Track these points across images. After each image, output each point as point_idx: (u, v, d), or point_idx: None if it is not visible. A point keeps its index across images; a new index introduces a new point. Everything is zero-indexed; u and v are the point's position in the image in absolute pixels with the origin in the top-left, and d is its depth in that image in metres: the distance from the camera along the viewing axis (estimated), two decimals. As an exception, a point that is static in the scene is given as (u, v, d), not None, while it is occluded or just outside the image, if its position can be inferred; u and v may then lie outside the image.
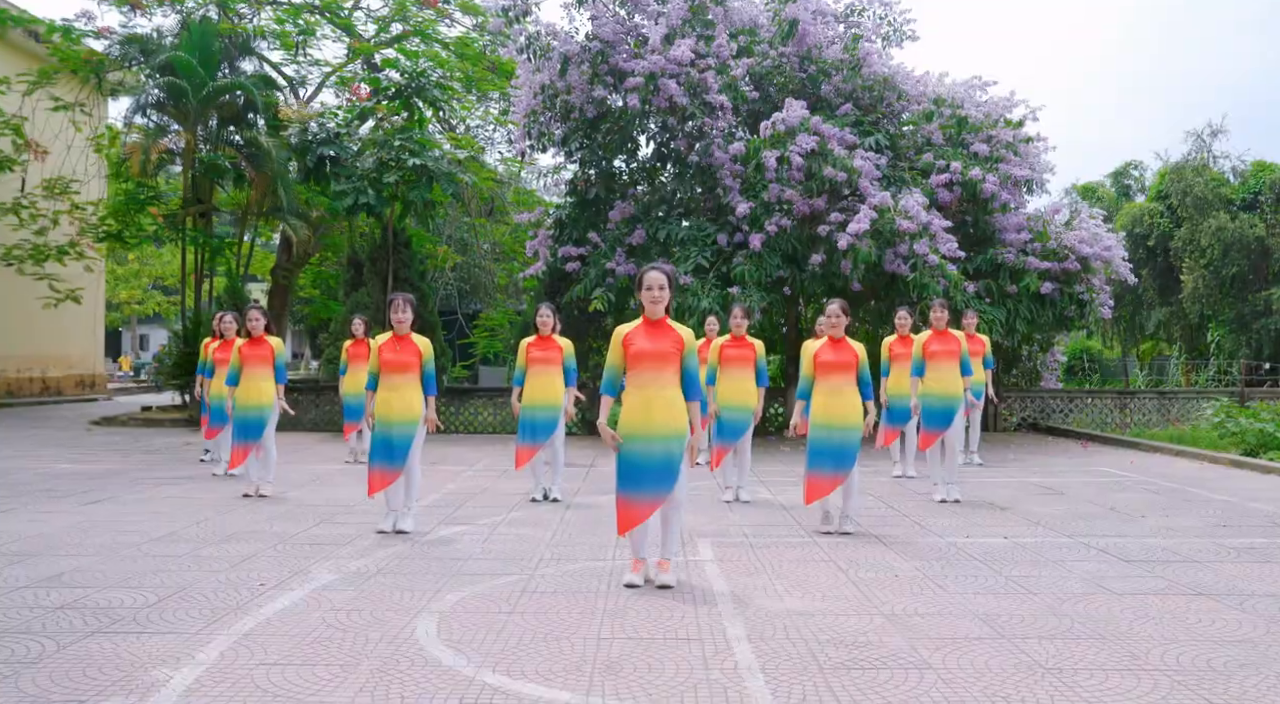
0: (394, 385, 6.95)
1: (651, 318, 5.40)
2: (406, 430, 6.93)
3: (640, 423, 5.28)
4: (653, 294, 5.33)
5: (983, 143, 14.36)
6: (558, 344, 8.54)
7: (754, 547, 6.53)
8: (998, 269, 14.10)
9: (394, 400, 6.92)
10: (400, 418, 6.92)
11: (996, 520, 7.63)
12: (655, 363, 5.30)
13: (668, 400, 5.30)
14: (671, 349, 5.32)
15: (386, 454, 6.91)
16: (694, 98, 13.99)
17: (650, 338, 5.34)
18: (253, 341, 8.91)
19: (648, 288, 5.34)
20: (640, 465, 5.27)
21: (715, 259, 13.80)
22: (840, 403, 6.80)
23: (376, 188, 15.78)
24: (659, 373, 5.30)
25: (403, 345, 7.00)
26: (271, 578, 5.50)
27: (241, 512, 7.89)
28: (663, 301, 5.35)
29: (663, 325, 5.40)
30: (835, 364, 6.82)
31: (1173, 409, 17.22)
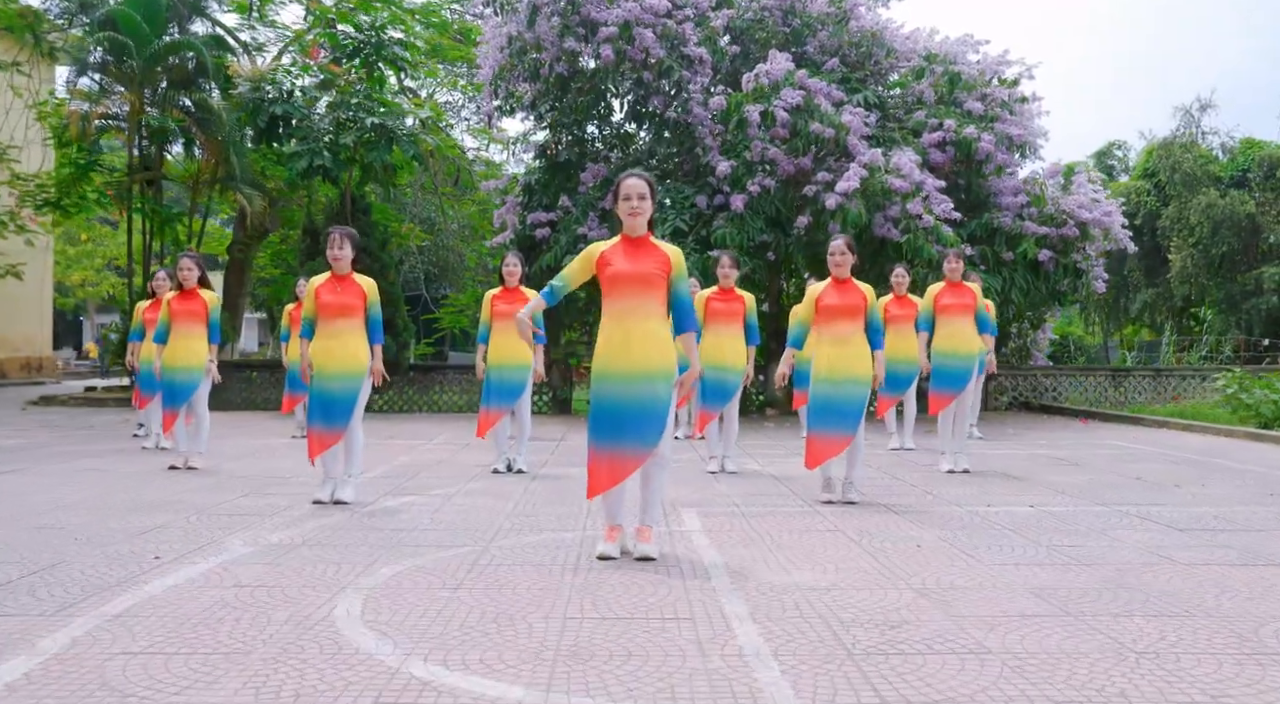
0: (334, 332, 6.01)
1: (631, 234, 4.51)
2: (349, 385, 5.99)
3: (619, 358, 4.38)
4: (631, 205, 4.43)
5: (977, 101, 13.55)
6: (526, 297, 7.62)
7: (747, 516, 5.65)
8: (993, 234, 13.30)
9: (334, 349, 5.99)
10: (341, 369, 5.98)
11: (1015, 489, 6.80)
12: (636, 288, 4.39)
13: (651, 332, 4.40)
14: (656, 271, 4.42)
15: (325, 413, 5.97)
16: (671, 50, 13.08)
17: (630, 258, 4.44)
18: (183, 295, 7.90)
19: (625, 197, 4.44)
20: (617, 411, 4.37)
21: (695, 223, 12.93)
22: (847, 353, 5.92)
23: (333, 150, 14.75)
24: (642, 300, 4.40)
25: (343, 286, 6.06)
26: (171, 551, 4.56)
27: (163, 482, 6.92)
28: (644, 213, 4.45)
29: (645, 243, 4.50)
30: (841, 308, 5.93)
31: (1168, 387, 16.53)
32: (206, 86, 18.13)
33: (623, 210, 4.47)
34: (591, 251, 4.56)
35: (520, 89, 14.73)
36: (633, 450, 4.37)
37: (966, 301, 7.74)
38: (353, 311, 6.05)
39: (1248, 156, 24.23)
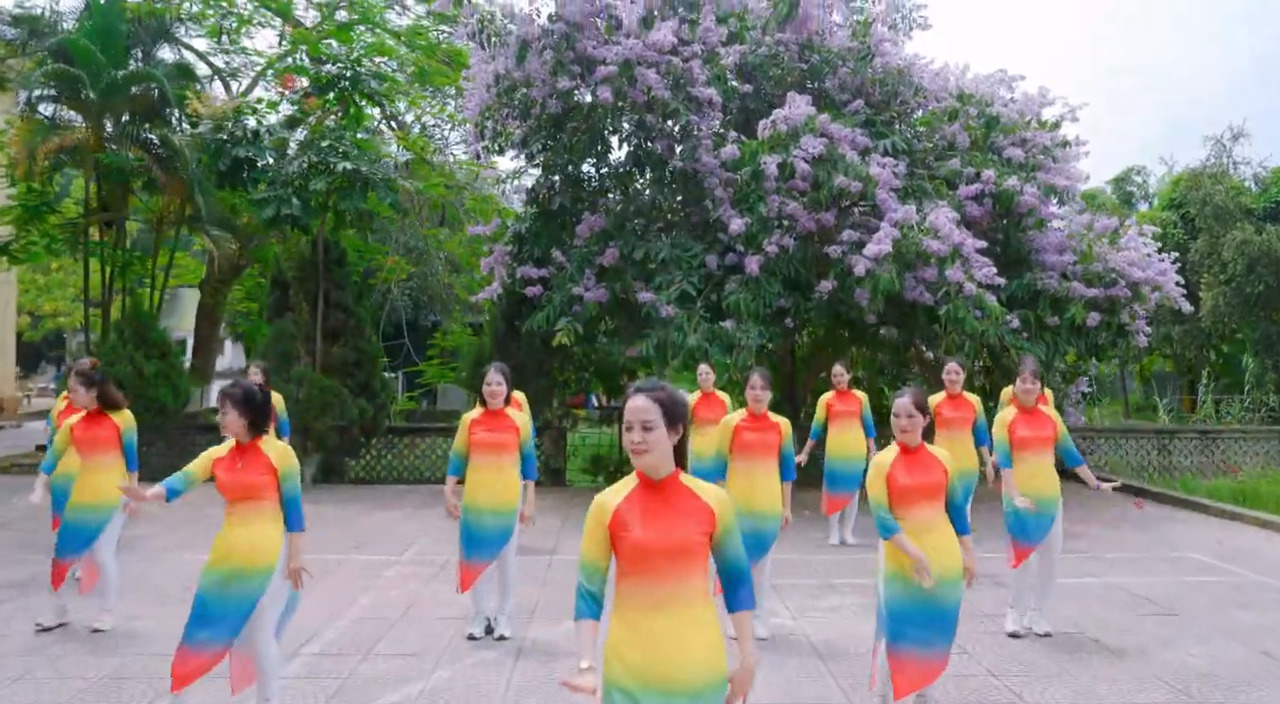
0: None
1: (651, 475, 3.08)
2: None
3: (648, 670, 2.96)
4: (632, 439, 3.00)
5: (1016, 147, 12.18)
6: (513, 422, 6.21)
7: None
8: (1036, 297, 11.92)
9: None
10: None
11: (1126, 681, 5.39)
12: (668, 563, 2.97)
13: (694, 620, 2.99)
14: (695, 535, 3.00)
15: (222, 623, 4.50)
16: (677, 91, 11.70)
17: (653, 518, 3.01)
18: (88, 419, 6.46)
19: (627, 427, 3.00)
20: None
21: (704, 285, 11.53)
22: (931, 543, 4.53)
23: (302, 196, 13.34)
24: (677, 582, 2.98)
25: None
26: None
27: (48, 673, 5.48)
28: (651, 450, 2.99)
29: (674, 486, 3.07)
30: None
31: (1217, 450, 15.17)
32: (172, 118, 16.73)
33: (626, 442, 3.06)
34: (602, 510, 3.07)
35: (510, 126, 13.36)
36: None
37: (1046, 433, 6.30)
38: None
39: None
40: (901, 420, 4.57)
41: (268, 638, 4.56)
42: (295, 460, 4.63)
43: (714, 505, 3.02)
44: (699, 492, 3.04)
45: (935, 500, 4.55)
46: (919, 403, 4.59)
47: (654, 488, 3.03)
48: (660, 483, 3.04)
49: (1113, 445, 15.28)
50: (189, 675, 4.35)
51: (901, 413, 4.57)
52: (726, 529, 3.02)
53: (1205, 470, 14.71)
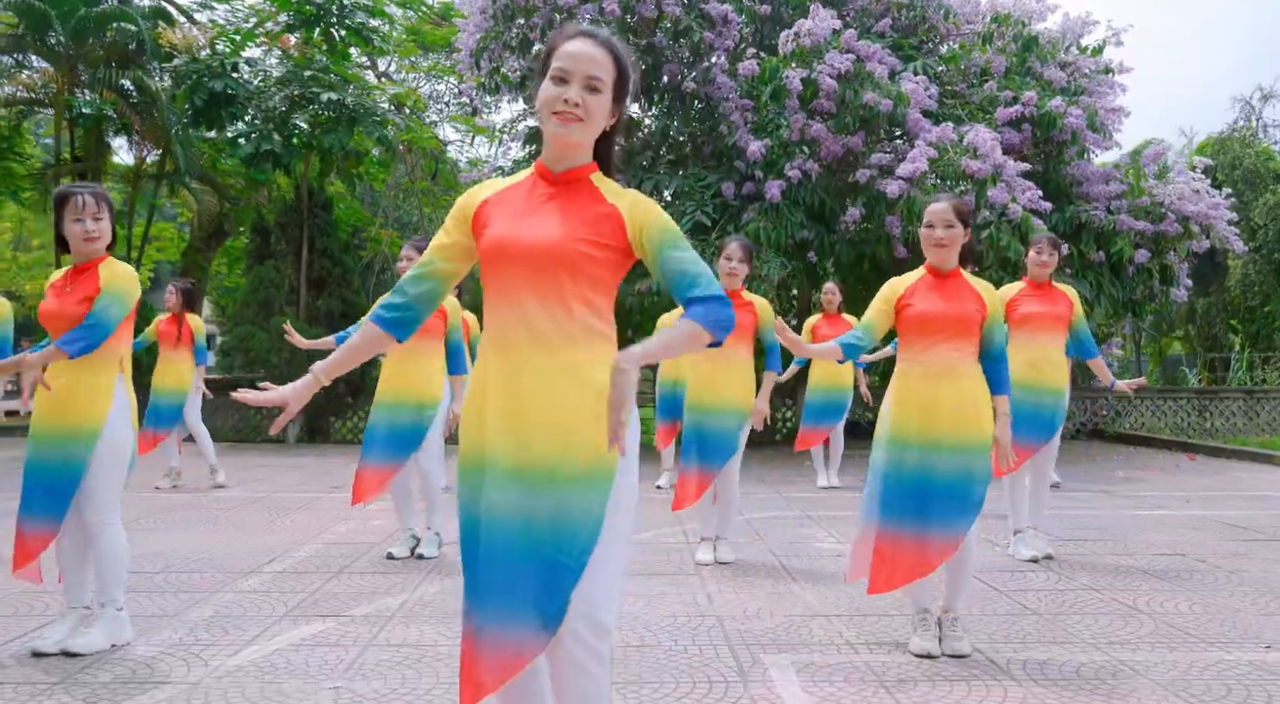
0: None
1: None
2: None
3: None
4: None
5: (1057, 69, 11.24)
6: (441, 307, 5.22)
7: (882, 679, 3.28)
8: (1079, 230, 10.97)
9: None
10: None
11: (1262, 605, 4.44)
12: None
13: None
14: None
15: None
16: (689, 8, 10.77)
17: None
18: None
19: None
20: None
21: (720, 215, 10.57)
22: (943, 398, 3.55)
23: (283, 132, 12.40)
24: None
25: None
26: None
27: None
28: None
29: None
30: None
31: (1262, 411, 14.23)
32: (152, 67, 15.76)
33: None
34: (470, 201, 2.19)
35: (507, 65, 12.42)
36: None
37: (1059, 310, 5.29)
38: None
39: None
40: (938, 232, 3.58)
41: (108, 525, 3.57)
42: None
43: (623, 210, 2.07)
44: (607, 194, 2.10)
45: (961, 339, 3.55)
46: (960, 210, 3.61)
47: (553, 181, 2.11)
48: (562, 176, 2.12)
49: (1151, 406, 14.33)
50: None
51: (938, 222, 3.58)
52: (645, 238, 2.06)
53: (1248, 431, 13.76)
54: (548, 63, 2.06)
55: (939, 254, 3.58)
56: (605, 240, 2.03)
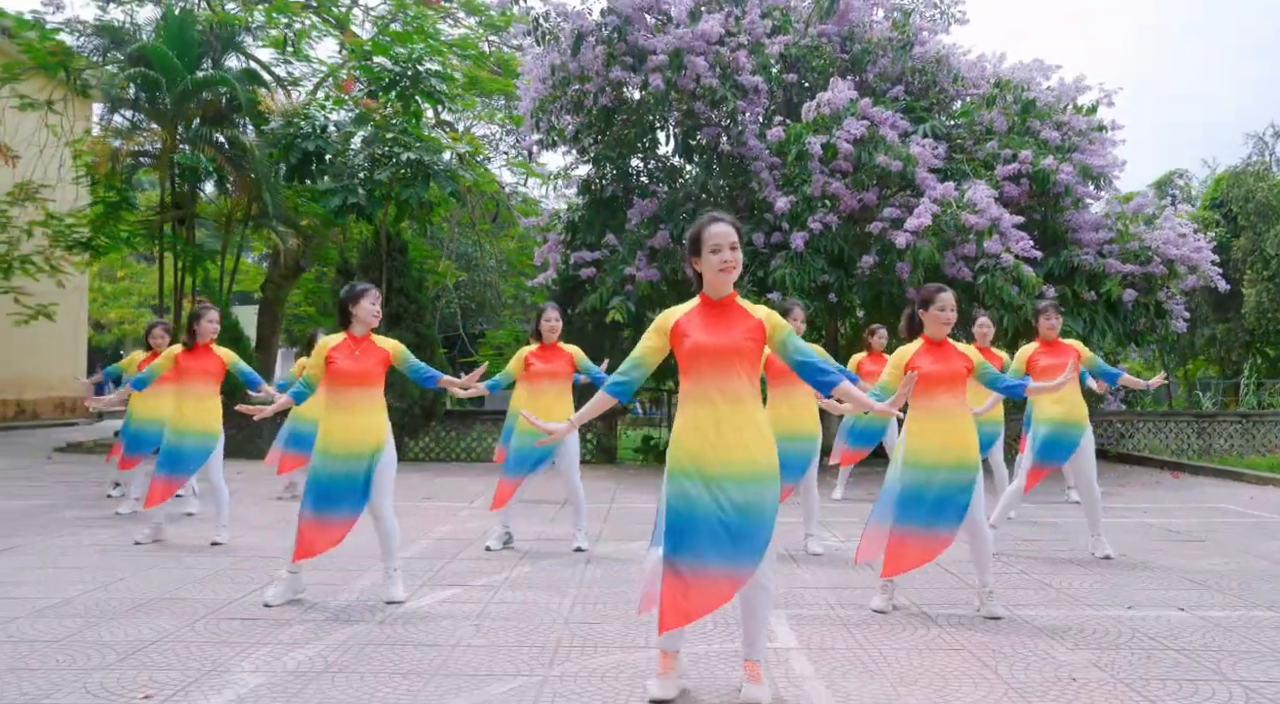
0: (349, 405, 5.23)
1: (714, 295, 3.68)
2: (358, 465, 5.22)
3: (707, 453, 3.56)
4: (723, 257, 3.58)
5: (1053, 130, 12.64)
6: (565, 352, 6.83)
7: (848, 624, 4.77)
8: (1072, 273, 12.34)
9: (352, 424, 5.20)
10: (355, 449, 5.22)
11: (1150, 582, 5.84)
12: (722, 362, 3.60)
13: (747, 419, 3.59)
14: (747, 341, 3.60)
15: (334, 498, 5.19)
16: (724, 79, 12.33)
17: (713, 327, 3.63)
18: (196, 350, 7.17)
19: (714, 249, 3.58)
20: (707, 520, 3.50)
21: (751, 262, 12.09)
22: (953, 430, 4.98)
23: (367, 187, 14.14)
24: (729, 378, 3.60)
25: (364, 351, 5.27)
26: (165, 685, 3.76)
27: (172, 566, 6.16)
28: (737, 268, 3.62)
29: (732, 306, 3.68)
30: (943, 377, 4.99)
31: (1258, 434, 15.39)
32: (240, 122, 17.67)
33: (711, 265, 3.64)
34: (664, 321, 3.74)
35: (562, 122, 14.07)
36: (728, 571, 3.50)
37: (1067, 360, 6.74)
38: (372, 380, 5.26)
39: (1322, 185, 23.02)
40: (946, 312, 5.04)
41: (388, 509, 5.27)
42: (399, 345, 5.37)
43: (765, 319, 3.61)
44: (751, 309, 3.64)
45: (956, 389, 5.02)
46: (957, 300, 5.08)
47: (715, 306, 3.66)
48: (722, 301, 3.65)
49: (1153, 428, 15.55)
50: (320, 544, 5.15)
51: (948, 304, 5.05)
52: (782, 335, 3.62)
53: (1244, 453, 14.93)
54: (699, 241, 3.60)
55: (937, 328, 5.02)
56: (757, 336, 3.58)
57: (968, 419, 5.02)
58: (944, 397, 4.98)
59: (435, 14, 21.90)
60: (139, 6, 18.40)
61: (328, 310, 22.93)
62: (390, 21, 21.62)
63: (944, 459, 4.90)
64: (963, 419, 4.99)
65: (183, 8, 17.84)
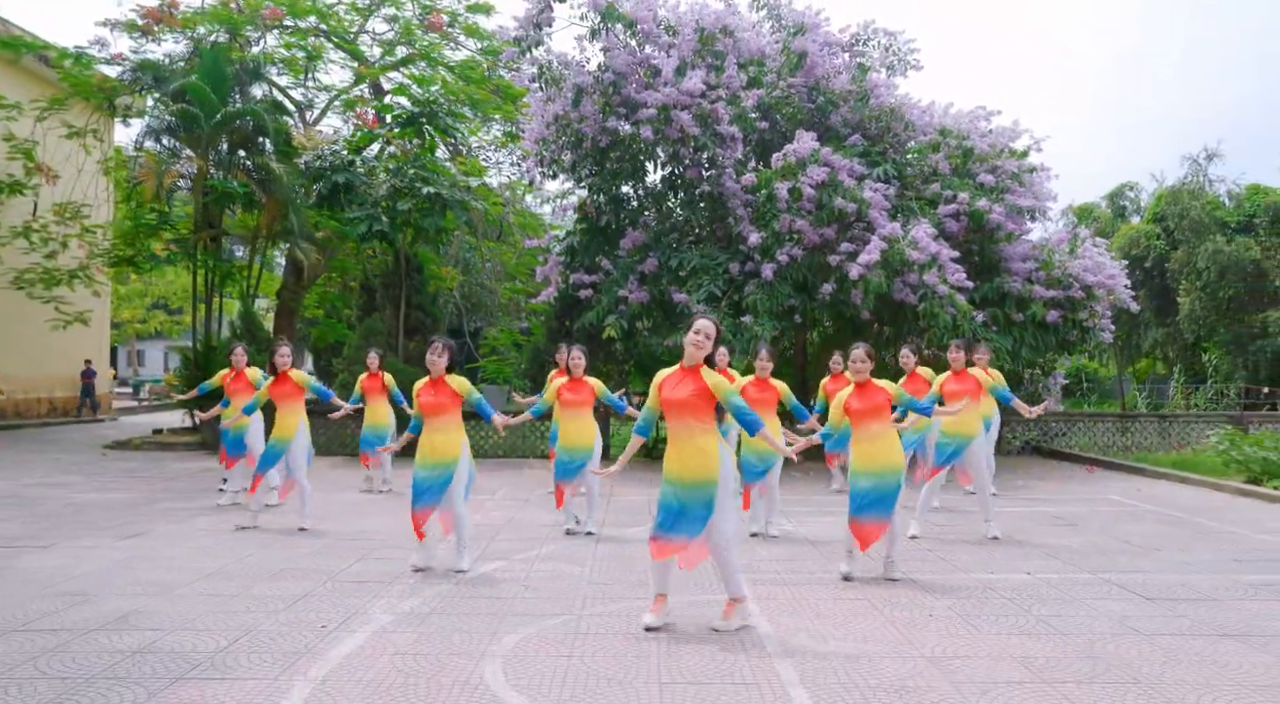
0: (434, 428, 7.15)
1: (687, 363, 5.67)
2: (443, 472, 7.14)
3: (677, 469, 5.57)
4: (697, 339, 5.59)
5: (988, 173, 14.65)
6: (590, 385, 8.78)
7: (790, 585, 6.74)
8: (1004, 297, 14.37)
9: (435, 441, 7.13)
10: (436, 460, 7.13)
11: (1016, 555, 7.85)
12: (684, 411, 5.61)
13: (699, 448, 5.59)
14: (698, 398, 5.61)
15: (422, 495, 7.11)
16: (705, 128, 14.26)
17: (679, 385, 5.64)
18: (280, 379, 9.10)
19: (695, 331, 5.61)
20: (679, 508, 5.53)
21: (727, 288, 14.05)
22: (880, 449, 6.95)
23: (390, 215, 16.02)
24: (687, 421, 5.61)
25: (438, 389, 7.19)
26: (331, 619, 5.69)
27: (279, 546, 8.07)
28: (704, 350, 5.61)
29: (694, 373, 5.65)
30: (868, 410, 6.96)
31: (1172, 432, 17.49)
32: (266, 149, 19.46)
33: (687, 341, 5.61)
34: (656, 381, 5.74)
35: (562, 156, 15.96)
36: (685, 537, 5.50)
37: (968, 386, 8.71)
38: (447, 410, 7.19)
39: (1254, 202, 25.17)
40: (857, 364, 6.99)
41: (459, 501, 7.19)
42: (468, 383, 7.26)
43: (709, 382, 5.58)
44: (705, 377, 5.60)
45: (881, 418, 6.96)
46: (869, 353, 7.05)
47: (686, 371, 5.63)
48: (690, 368, 5.64)
49: (1083, 428, 17.62)
50: (419, 523, 7.10)
51: (856, 359, 7.00)
52: (722, 395, 5.58)
53: (1159, 449, 17.00)
54: (689, 324, 5.62)
55: (858, 376, 6.99)
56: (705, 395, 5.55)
57: (891, 438, 6.97)
58: (872, 423, 6.93)
59: (439, 39, 23.73)
60: (174, 42, 20.08)
61: (337, 315, 24.76)
62: (396, 45, 23.44)
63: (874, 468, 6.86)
64: (887, 439, 6.93)
65: (214, 43, 19.60)
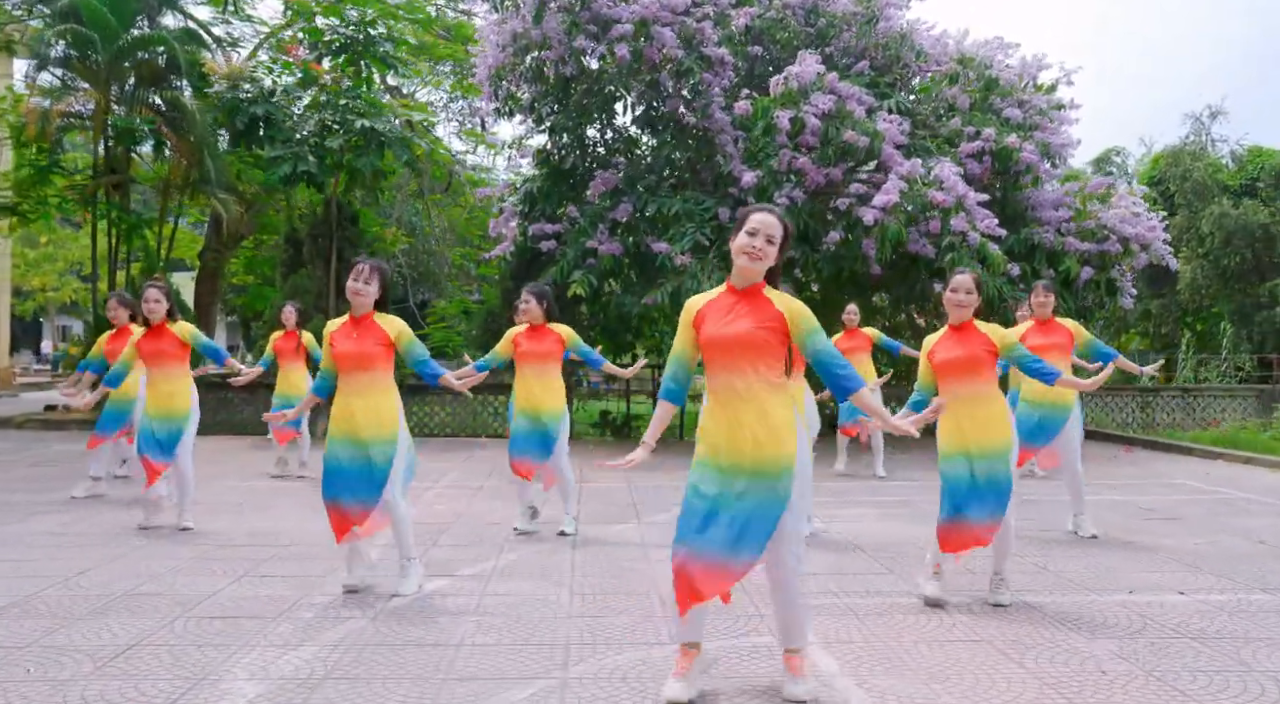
0: (354, 389, 4.96)
1: (739, 284, 3.59)
2: (382, 452, 4.93)
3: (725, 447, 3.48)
4: (754, 243, 3.50)
5: (1015, 108, 12.67)
6: (555, 332, 6.60)
7: (858, 613, 4.67)
8: (1033, 250, 12.41)
9: (356, 408, 4.93)
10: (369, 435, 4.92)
11: (1138, 563, 5.86)
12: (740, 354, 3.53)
13: (763, 413, 3.50)
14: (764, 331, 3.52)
15: (352, 488, 4.91)
16: (690, 50, 12.09)
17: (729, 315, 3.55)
18: (152, 332, 6.81)
19: (751, 232, 3.51)
20: (720, 512, 3.41)
21: (716, 237, 11.93)
22: (988, 417, 4.90)
23: (318, 154, 13.64)
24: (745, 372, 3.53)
25: (363, 332, 4.98)
26: (156, 696, 3.50)
27: (139, 555, 5.84)
28: (765, 259, 3.52)
29: (756, 296, 3.56)
30: (962, 362, 4.90)
31: (1198, 408, 15.78)
32: (179, 84, 16.91)
33: (737, 245, 3.51)
34: (686, 311, 3.63)
35: (519, 91, 13.71)
36: (742, 558, 3.38)
37: (1059, 340, 6.74)
38: (375, 361, 4.98)
39: (1256, 165, 23.59)
40: (959, 295, 4.93)
41: (399, 496, 5.06)
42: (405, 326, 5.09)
43: (787, 312, 3.49)
44: (775, 301, 3.51)
45: (976, 374, 4.91)
46: (977, 281, 4.97)
47: (740, 294, 3.53)
48: (746, 290, 3.55)
49: (1098, 403, 15.82)
50: (343, 529, 4.92)
51: (960, 288, 4.94)
52: (805, 329, 3.50)
53: (1185, 426, 15.29)
54: (741, 221, 3.51)
55: (958, 313, 4.89)
56: (777, 330, 3.44)
57: (995, 406, 4.86)
58: (964, 381, 4.85)
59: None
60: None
61: (269, 281, 22.24)
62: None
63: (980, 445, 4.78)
64: (989, 406, 4.84)
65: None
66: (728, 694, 3.55)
